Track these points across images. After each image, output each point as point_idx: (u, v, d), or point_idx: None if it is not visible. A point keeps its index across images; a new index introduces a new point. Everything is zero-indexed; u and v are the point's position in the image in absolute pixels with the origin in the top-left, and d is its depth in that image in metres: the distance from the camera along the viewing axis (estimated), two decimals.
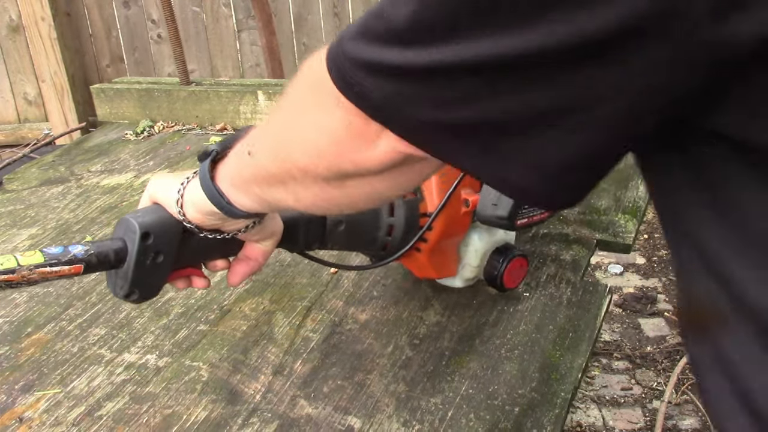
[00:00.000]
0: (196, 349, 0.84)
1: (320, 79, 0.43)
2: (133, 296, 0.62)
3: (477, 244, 0.88)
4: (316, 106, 0.45)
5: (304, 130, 0.47)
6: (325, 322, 0.87)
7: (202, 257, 0.67)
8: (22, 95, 3.59)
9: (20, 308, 0.96)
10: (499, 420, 0.70)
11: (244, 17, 3.44)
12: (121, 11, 3.50)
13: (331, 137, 0.44)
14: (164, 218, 0.61)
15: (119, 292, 0.62)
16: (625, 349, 2.18)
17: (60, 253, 0.59)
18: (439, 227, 0.81)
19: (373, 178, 0.45)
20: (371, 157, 0.43)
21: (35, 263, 0.57)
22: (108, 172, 1.41)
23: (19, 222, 1.23)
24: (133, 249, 0.60)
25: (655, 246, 2.74)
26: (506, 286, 0.88)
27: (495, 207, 0.84)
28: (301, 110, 0.48)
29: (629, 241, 1.01)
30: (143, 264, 0.61)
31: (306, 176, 0.48)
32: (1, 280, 0.56)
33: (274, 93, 1.48)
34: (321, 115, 0.44)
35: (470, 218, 0.85)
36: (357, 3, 3.36)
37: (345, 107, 0.41)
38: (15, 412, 0.77)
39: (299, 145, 0.48)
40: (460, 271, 0.88)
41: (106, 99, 1.71)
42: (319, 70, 0.43)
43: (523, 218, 0.85)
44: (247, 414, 0.73)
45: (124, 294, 0.62)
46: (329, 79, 0.42)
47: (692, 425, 1.86)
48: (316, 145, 0.46)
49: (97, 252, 0.60)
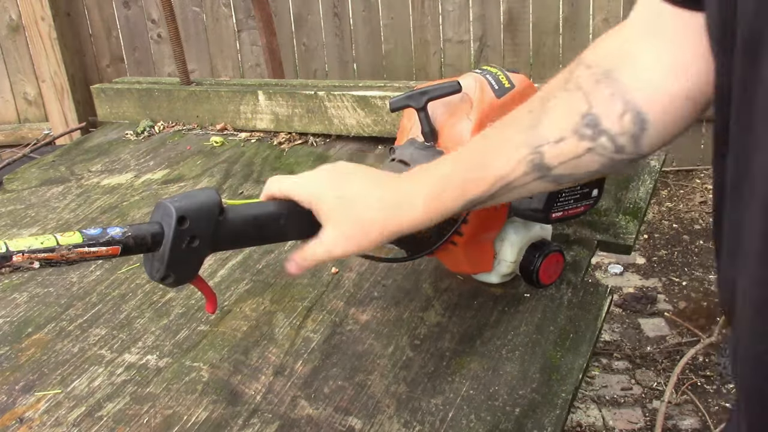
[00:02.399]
0: (197, 350, 0.84)
1: None
2: (168, 279, 0.63)
3: (513, 238, 0.87)
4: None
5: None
6: (326, 322, 0.87)
7: (239, 242, 0.68)
8: (22, 95, 3.58)
9: (20, 308, 0.96)
10: (499, 421, 0.70)
11: (244, 17, 3.44)
12: (121, 11, 3.50)
13: None
14: (201, 203, 0.63)
15: (155, 275, 0.63)
16: (625, 349, 2.18)
17: (98, 234, 0.60)
18: (475, 220, 0.81)
19: None
20: None
21: (74, 243, 0.59)
22: (108, 172, 1.41)
23: (19, 222, 1.23)
24: (170, 233, 0.62)
25: (655, 246, 2.74)
26: (542, 282, 0.88)
27: (530, 200, 0.84)
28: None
29: (630, 242, 1.00)
30: (179, 247, 0.62)
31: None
32: (41, 258, 0.57)
33: (275, 93, 1.47)
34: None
35: (506, 212, 0.85)
36: (357, 3, 3.36)
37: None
38: (15, 412, 0.77)
39: None
40: (496, 267, 0.89)
41: (106, 99, 1.71)
42: None
43: (558, 211, 0.85)
44: (247, 414, 0.73)
45: (160, 277, 0.63)
46: None
47: (692, 425, 1.86)
48: None
49: (134, 234, 0.61)
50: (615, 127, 0.63)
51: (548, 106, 0.66)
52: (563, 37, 3.32)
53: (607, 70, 0.63)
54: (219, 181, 1.30)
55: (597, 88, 0.63)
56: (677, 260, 2.63)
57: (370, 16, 3.37)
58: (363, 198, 0.69)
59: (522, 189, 0.68)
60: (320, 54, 3.47)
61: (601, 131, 0.64)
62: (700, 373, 2.05)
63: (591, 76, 0.64)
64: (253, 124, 1.52)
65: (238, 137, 1.51)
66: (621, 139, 0.64)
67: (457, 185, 0.68)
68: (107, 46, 3.55)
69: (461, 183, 0.68)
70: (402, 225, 0.68)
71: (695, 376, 2.03)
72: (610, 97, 0.63)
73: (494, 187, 0.67)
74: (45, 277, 1.04)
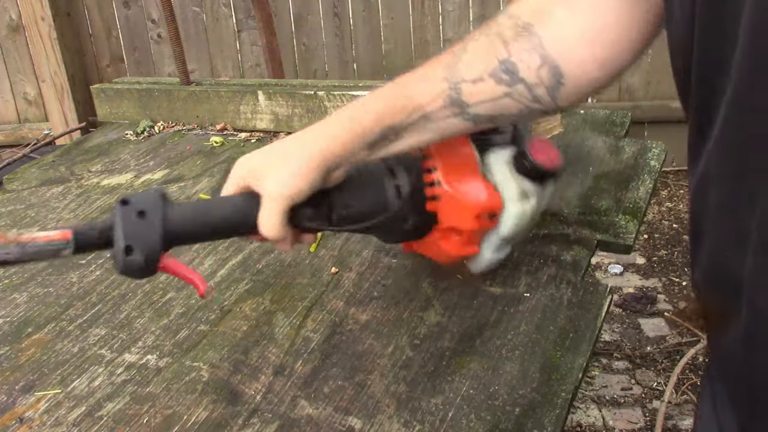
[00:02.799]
0: (197, 350, 0.84)
1: None
2: (132, 254, 0.65)
3: (495, 166, 0.82)
4: None
5: None
6: (326, 322, 0.87)
7: (192, 234, 0.72)
8: (22, 95, 3.58)
9: (20, 308, 0.96)
10: (499, 420, 0.70)
11: (244, 17, 3.44)
12: (121, 11, 3.50)
13: None
14: (146, 192, 0.69)
15: (119, 255, 0.66)
16: (625, 349, 2.18)
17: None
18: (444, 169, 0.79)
19: None
20: None
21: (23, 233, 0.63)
22: (108, 172, 1.41)
23: (19, 222, 1.23)
24: (117, 213, 0.66)
25: (655, 246, 2.74)
26: (539, 163, 0.81)
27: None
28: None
29: (630, 241, 1.00)
30: (130, 219, 0.66)
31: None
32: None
33: (275, 93, 1.47)
34: None
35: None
36: (357, 3, 3.36)
37: None
38: (15, 412, 0.77)
39: None
40: (503, 221, 0.81)
41: (106, 99, 1.71)
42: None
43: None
44: (247, 414, 0.73)
45: (122, 250, 0.65)
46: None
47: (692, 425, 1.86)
48: None
49: (85, 224, 0.66)
50: (532, 77, 0.67)
51: (469, 47, 0.70)
52: None
53: (528, 23, 0.67)
54: (219, 181, 1.30)
55: (517, 40, 0.67)
56: (677, 260, 2.63)
57: (370, 16, 3.37)
58: (291, 139, 0.73)
59: (441, 124, 0.72)
60: (320, 54, 3.47)
61: (518, 79, 0.68)
62: (700, 373, 2.05)
63: (513, 27, 0.68)
64: (253, 124, 1.52)
65: (238, 137, 1.51)
66: (538, 89, 0.68)
67: (376, 110, 0.72)
68: (107, 46, 3.55)
69: (381, 108, 0.72)
70: (330, 147, 0.71)
71: (695, 376, 2.03)
72: (529, 50, 0.67)
73: (412, 116, 0.71)
74: (45, 277, 1.04)
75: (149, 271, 0.67)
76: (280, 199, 0.70)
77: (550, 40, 0.66)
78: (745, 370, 0.54)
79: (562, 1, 0.66)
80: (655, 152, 1.23)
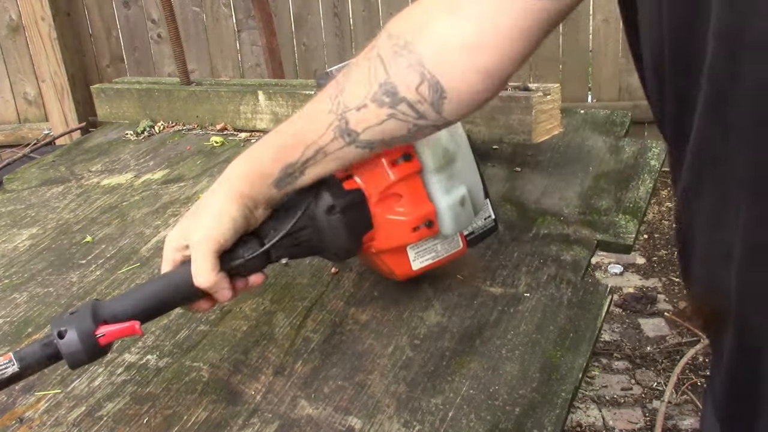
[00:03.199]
0: (197, 350, 0.84)
1: None
2: (65, 336, 0.68)
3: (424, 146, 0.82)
4: None
5: None
6: (326, 322, 0.87)
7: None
8: (22, 95, 3.58)
9: (20, 308, 0.96)
10: (499, 420, 0.70)
11: (244, 17, 3.44)
12: (121, 11, 3.50)
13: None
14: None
15: (58, 345, 0.68)
16: (625, 349, 2.18)
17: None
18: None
19: None
20: None
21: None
22: (108, 172, 1.41)
23: (19, 222, 1.23)
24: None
25: (655, 246, 2.74)
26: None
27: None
28: None
29: (630, 241, 1.01)
30: (60, 320, 0.69)
31: None
32: None
33: (275, 93, 1.47)
34: None
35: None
36: (357, 3, 3.36)
37: None
38: (15, 412, 0.77)
39: None
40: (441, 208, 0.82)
41: (106, 99, 1.71)
42: None
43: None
44: (247, 414, 0.73)
45: (56, 336, 0.68)
46: None
47: (692, 425, 1.86)
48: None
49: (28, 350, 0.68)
50: (412, 95, 0.66)
51: (352, 74, 0.70)
52: (563, 37, 3.32)
53: (407, 41, 0.66)
54: None
55: (395, 59, 0.66)
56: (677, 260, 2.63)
57: (370, 16, 3.37)
58: (205, 194, 0.75)
59: (338, 154, 0.72)
60: (320, 54, 3.47)
61: (399, 99, 0.67)
62: (700, 373, 2.05)
63: (391, 46, 0.67)
64: (253, 124, 1.52)
65: (238, 137, 1.51)
66: (421, 106, 0.67)
67: (273, 151, 0.73)
68: (107, 46, 3.55)
69: (278, 149, 0.73)
70: (239, 187, 0.73)
71: (695, 376, 2.03)
72: (407, 69, 0.66)
73: (308, 152, 0.72)
74: (45, 277, 1.04)
75: (90, 345, 0.67)
76: (205, 241, 0.71)
77: (431, 56, 0.65)
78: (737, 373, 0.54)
79: (447, 9, 0.64)
80: (655, 152, 1.23)
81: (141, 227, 1.16)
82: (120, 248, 1.10)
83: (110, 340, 0.68)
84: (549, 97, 1.17)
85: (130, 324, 0.69)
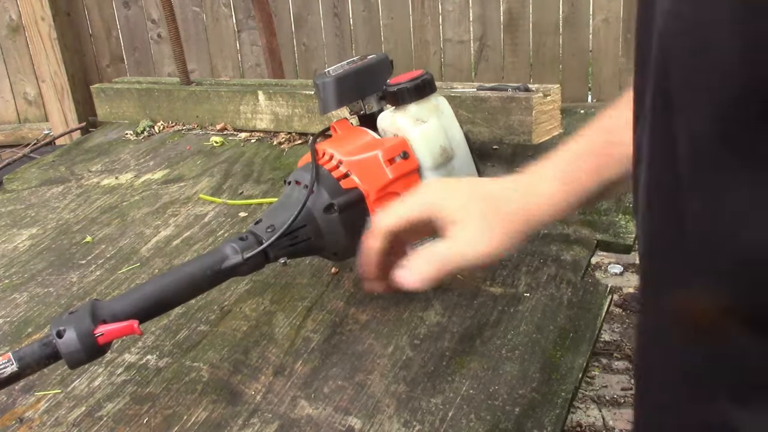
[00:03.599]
0: (197, 350, 0.84)
1: None
2: (64, 336, 0.67)
3: (381, 122, 0.85)
4: None
5: None
6: (326, 322, 0.87)
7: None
8: (22, 95, 3.59)
9: (20, 308, 0.96)
10: (499, 420, 0.70)
11: (244, 17, 3.44)
12: (121, 11, 3.50)
13: None
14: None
15: (57, 345, 0.68)
16: (625, 349, 2.18)
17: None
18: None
19: None
20: None
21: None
22: (108, 172, 1.41)
23: (19, 222, 1.23)
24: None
25: None
26: (404, 85, 0.82)
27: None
28: None
29: (630, 241, 1.00)
30: (59, 320, 0.68)
31: None
32: None
33: (275, 93, 1.47)
34: None
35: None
36: (357, 3, 3.36)
37: None
38: (15, 412, 0.77)
39: None
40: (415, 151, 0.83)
41: (106, 99, 1.71)
42: None
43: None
44: (247, 414, 0.73)
45: (54, 335, 0.67)
46: None
47: None
48: None
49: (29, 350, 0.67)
50: None
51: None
52: (563, 37, 3.32)
53: None
54: (219, 180, 1.30)
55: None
56: None
57: (370, 16, 3.37)
58: (495, 186, 0.65)
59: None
60: (320, 54, 3.47)
61: None
62: None
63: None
64: (253, 124, 1.52)
65: (238, 137, 1.51)
66: None
67: (592, 161, 0.62)
68: (107, 46, 3.55)
69: (596, 158, 0.62)
70: (542, 213, 0.63)
71: None
72: None
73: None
74: (45, 277, 1.04)
75: (89, 344, 0.67)
76: (475, 254, 0.65)
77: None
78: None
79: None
80: None
81: (141, 227, 1.16)
82: (120, 248, 1.10)
83: (109, 339, 0.68)
84: (549, 98, 1.18)
85: (128, 323, 0.69)
